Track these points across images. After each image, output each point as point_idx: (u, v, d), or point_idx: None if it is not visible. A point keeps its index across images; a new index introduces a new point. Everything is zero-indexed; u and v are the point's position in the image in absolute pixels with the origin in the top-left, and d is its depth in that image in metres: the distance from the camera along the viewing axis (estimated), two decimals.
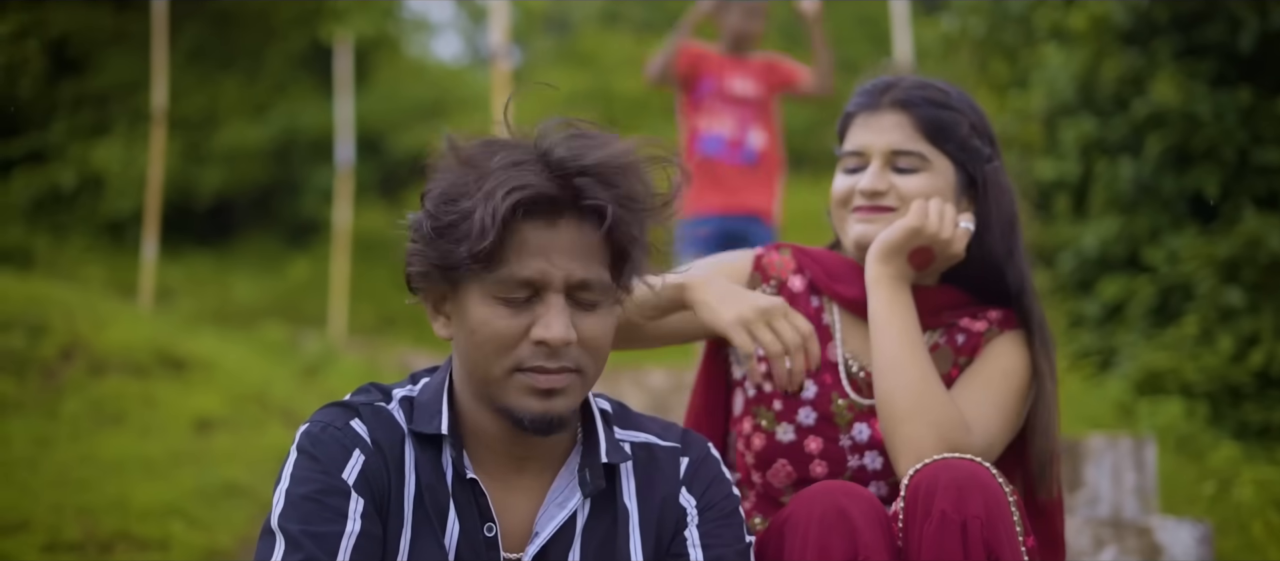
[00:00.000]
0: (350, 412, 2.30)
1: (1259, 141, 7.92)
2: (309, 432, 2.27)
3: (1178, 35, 8.22)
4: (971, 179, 2.93)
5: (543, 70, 18.39)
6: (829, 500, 2.50)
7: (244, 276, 13.45)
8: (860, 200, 2.92)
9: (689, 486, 2.42)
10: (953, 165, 2.92)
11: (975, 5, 9.68)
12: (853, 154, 2.96)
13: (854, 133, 2.97)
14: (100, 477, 5.78)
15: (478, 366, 2.26)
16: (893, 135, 2.91)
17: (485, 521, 2.29)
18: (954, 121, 2.92)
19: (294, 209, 14.64)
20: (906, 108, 2.92)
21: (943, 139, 2.91)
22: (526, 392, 2.24)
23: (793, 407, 2.89)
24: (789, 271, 3.00)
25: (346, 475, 2.22)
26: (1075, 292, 8.37)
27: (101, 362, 7.35)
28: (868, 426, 2.87)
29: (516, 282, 2.22)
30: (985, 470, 2.52)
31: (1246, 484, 5.31)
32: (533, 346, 2.23)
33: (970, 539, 2.44)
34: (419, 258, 2.26)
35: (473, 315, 2.24)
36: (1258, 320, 7.43)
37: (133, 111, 13.49)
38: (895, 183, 2.90)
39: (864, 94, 2.99)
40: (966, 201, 2.93)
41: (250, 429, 6.86)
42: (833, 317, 2.96)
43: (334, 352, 9.50)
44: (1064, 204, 8.59)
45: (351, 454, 2.24)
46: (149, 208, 10.81)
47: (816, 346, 2.68)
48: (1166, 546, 4.49)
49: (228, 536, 5.43)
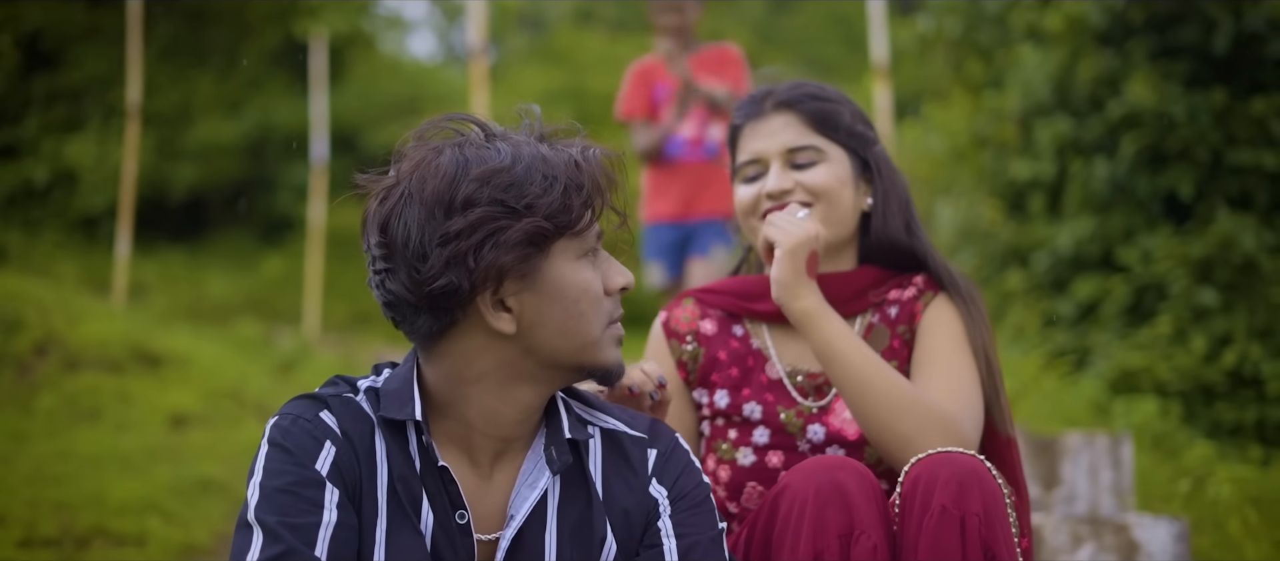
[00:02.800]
0: (319, 404, 2.29)
1: (1233, 142, 7.95)
2: (279, 425, 2.26)
3: (1153, 36, 8.26)
4: (865, 163, 3.01)
5: (517, 68, 18.38)
6: (826, 474, 2.52)
7: (217, 273, 13.41)
8: (768, 204, 2.97)
9: (659, 478, 2.43)
10: (846, 152, 2.99)
11: (951, 5, 9.70)
12: (750, 162, 3.01)
13: (746, 142, 3.03)
14: (76, 473, 5.76)
15: (578, 333, 2.30)
16: (785, 135, 2.98)
17: (457, 508, 2.29)
18: (836, 111, 3.00)
19: (268, 205, 14.60)
20: (791, 106, 3.00)
21: (831, 128, 2.99)
22: (614, 343, 2.34)
23: (746, 432, 2.93)
24: (697, 319, 3.05)
25: (319, 466, 2.21)
26: (1050, 292, 8.39)
27: (76, 358, 7.33)
28: (821, 426, 2.90)
29: (596, 237, 2.31)
30: (984, 466, 2.53)
31: (1223, 481, 5.33)
32: (613, 299, 2.33)
33: (969, 535, 2.45)
34: (489, 249, 2.21)
35: (570, 282, 2.28)
36: (1231, 320, 7.47)
37: (106, 107, 13.44)
38: (799, 178, 2.96)
39: (746, 104, 3.06)
40: (864, 184, 3.01)
41: (226, 425, 6.85)
42: (763, 339, 3.01)
43: (308, 349, 9.49)
44: (1039, 204, 8.62)
45: (323, 445, 2.23)
46: (123, 204, 10.77)
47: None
48: (1143, 543, 4.51)
49: (204, 532, 5.42)
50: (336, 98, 13.44)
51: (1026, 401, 6.83)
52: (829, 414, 2.90)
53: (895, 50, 9.88)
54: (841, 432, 2.88)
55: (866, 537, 2.47)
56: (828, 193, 2.95)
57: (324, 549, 2.15)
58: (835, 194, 2.95)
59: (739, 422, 2.94)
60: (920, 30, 10.01)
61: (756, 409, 2.92)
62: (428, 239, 2.21)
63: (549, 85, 16.49)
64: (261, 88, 14.65)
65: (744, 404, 2.93)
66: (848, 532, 2.47)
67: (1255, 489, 5.47)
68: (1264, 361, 7.32)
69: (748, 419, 2.93)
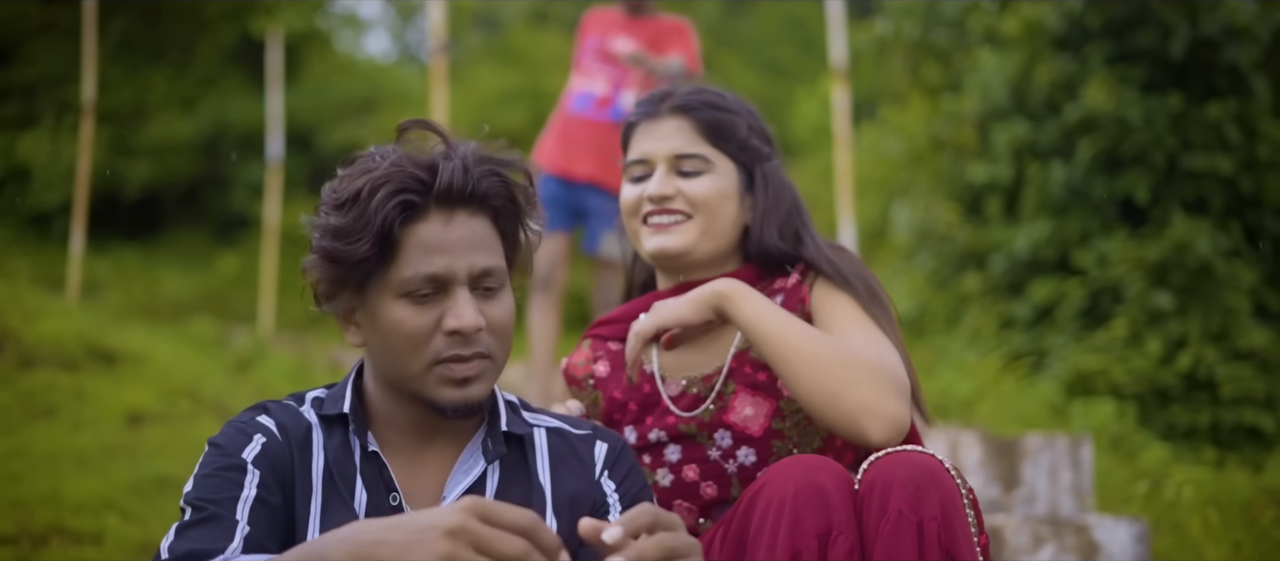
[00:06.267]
0: (259, 410, 2.42)
1: (1188, 147, 8.02)
2: (220, 432, 2.38)
3: (1110, 41, 8.32)
4: (752, 177, 3.00)
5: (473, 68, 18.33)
6: (804, 474, 2.49)
7: (172, 271, 13.33)
8: (649, 206, 2.97)
9: (610, 472, 2.52)
10: (734, 165, 2.98)
11: (909, 8, 9.74)
12: (638, 162, 3.01)
13: (637, 141, 3.02)
14: (32, 471, 5.70)
15: (395, 366, 2.37)
16: (675, 140, 2.97)
17: (390, 491, 2.37)
18: (732, 123, 2.98)
19: (222, 203, 14.53)
20: (686, 112, 2.98)
21: (723, 140, 2.97)
22: (445, 383, 2.35)
23: (658, 454, 2.92)
24: (590, 363, 3.05)
25: (245, 454, 2.32)
26: (1006, 294, 8.44)
27: (31, 355, 7.26)
28: (725, 430, 2.88)
29: (422, 279, 2.33)
30: (941, 465, 2.51)
31: (1181, 484, 5.38)
32: (446, 338, 2.34)
33: (927, 540, 2.44)
34: (322, 269, 2.38)
35: (383, 317, 2.35)
36: (1186, 323, 7.53)
37: (60, 103, 13.35)
38: (681, 187, 2.95)
39: (644, 104, 3.05)
40: (749, 198, 3.00)
41: (182, 423, 6.79)
42: (651, 361, 2.99)
43: (264, 348, 9.44)
44: (996, 206, 8.66)
45: (252, 438, 2.35)
46: (77, 200, 10.70)
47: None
48: (1104, 544, 4.54)
49: (162, 530, 5.35)
50: (292, 96, 13.38)
51: (984, 403, 6.87)
52: (727, 413, 2.88)
53: (852, 53, 9.90)
54: (746, 431, 2.86)
55: (844, 538, 2.45)
56: (706, 204, 2.94)
57: (243, 514, 2.25)
58: (714, 206, 2.94)
59: (650, 448, 2.93)
60: (878, 33, 10.04)
61: (660, 433, 2.92)
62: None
63: (505, 85, 16.45)
64: (217, 85, 14.58)
65: (649, 432, 2.93)
66: (826, 533, 2.45)
67: (1212, 490, 5.51)
68: (1218, 365, 7.39)
69: (656, 442, 2.93)
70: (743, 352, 2.90)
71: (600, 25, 6.93)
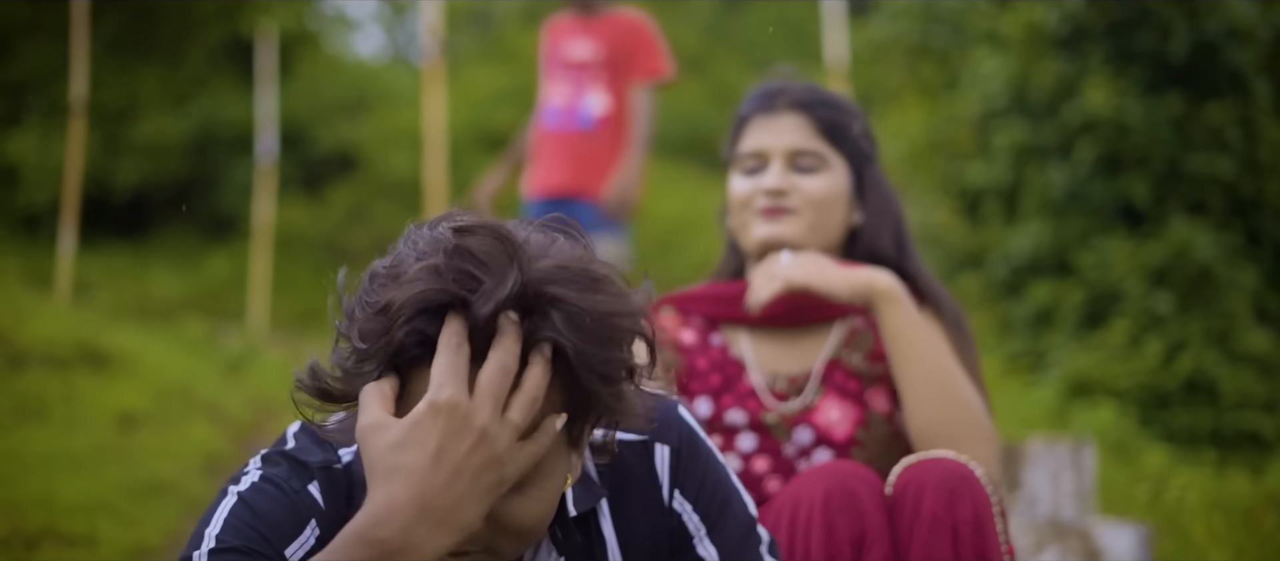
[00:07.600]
0: (306, 474, 1.91)
1: (1189, 149, 7.99)
2: (256, 485, 1.88)
3: (1110, 42, 8.29)
4: (861, 179, 3.01)
5: (466, 67, 18.29)
6: (836, 479, 2.49)
7: (163, 270, 13.27)
8: (764, 201, 2.96)
9: (680, 487, 2.05)
10: (847, 165, 2.99)
11: (907, 8, 9.70)
12: (752, 155, 3.00)
13: (751, 134, 3.01)
14: (24, 473, 5.66)
15: None
16: (792, 136, 2.97)
17: None
18: (847, 123, 3.00)
19: (214, 203, 14.47)
20: (804, 109, 2.98)
21: (839, 139, 2.98)
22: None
23: (730, 439, 2.88)
24: (677, 329, 3.02)
25: (291, 553, 1.84)
26: (1005, 296, 8.41)
27: (21, 356, 7.21)
28: (808, 427, 2.85)
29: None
30: (971, 471, 2.50)
31: (1183, 487, 5.35)
32: None
33: (961, 542, 2.43)
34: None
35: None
36: (1185, 327, 7.50)
37: (49, 102, 13.28)
38: (797, 182, 2.95)
39: (758, 97, 3.04)
40: (857, 200, 3.01)
41: (175, 425, 6.75)
42: (741, 346, 2.97)
43: (256, 348, 9.39)
44: (994, 208, 8.63)
45: (304, 528, 1.87)
46: (67, 200, 10.63)
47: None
48: (1106, 548, 4.51)
49: (155, 533, 5.34)
50: (284, 95, 13.32)
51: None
52: (814, 413, 2.86)
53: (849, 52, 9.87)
54: (829, 433, 2.84)
55: (878, 545, 2.45)
56: (822, 202, 2.94)
57: None
58: (829, 204, 2.95)
59: (722, 430, 2.88)
60: (875, 34, 10.01)
61: (740, 415, 2.88)
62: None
63: (498, 84, 16.43)
64: (207, 84, 14.51)
65: (726, 411, 2.88)
66: (859, 539, 2.45)
67: (1214, 494, 5.48)
68: (1218, 368, 7.36)
69: (731, 426, 2.88)
70: (836, 360, 2.91)
71: (555, 33, 6.77)
